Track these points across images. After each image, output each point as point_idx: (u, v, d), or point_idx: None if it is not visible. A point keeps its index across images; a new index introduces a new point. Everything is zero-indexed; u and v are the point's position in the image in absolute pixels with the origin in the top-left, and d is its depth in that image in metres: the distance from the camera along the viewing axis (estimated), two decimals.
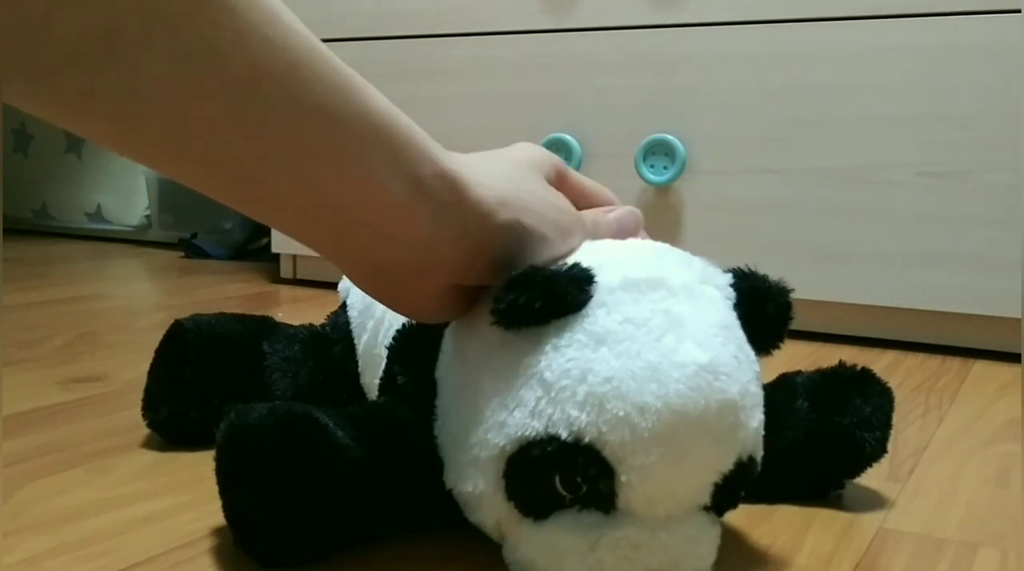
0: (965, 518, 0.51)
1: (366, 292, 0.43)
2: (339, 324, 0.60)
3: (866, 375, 0.53)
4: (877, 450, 0.51)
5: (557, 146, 1.06)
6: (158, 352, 0.58)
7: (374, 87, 0.37)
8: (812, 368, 0.54)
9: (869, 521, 0.50)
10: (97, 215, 1.75)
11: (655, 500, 0.38)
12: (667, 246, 0.45)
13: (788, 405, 0.51)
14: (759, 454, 0.41)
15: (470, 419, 0.41)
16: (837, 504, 0.53)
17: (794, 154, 0.96)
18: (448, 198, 0.39)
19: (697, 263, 0.43)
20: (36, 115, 0.32)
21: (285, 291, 1.24)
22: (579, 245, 0.44)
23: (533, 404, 0.38)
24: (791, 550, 0.47)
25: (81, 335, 0.92)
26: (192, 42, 0.31)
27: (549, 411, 0.38)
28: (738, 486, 0.40)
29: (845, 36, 0.94)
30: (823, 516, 0.51)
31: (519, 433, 0.38)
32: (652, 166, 1.02)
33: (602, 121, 1.06)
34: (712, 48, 0.99)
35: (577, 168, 1.05)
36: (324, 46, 0.35)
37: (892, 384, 0.53)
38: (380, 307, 0.55)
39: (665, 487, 0.37)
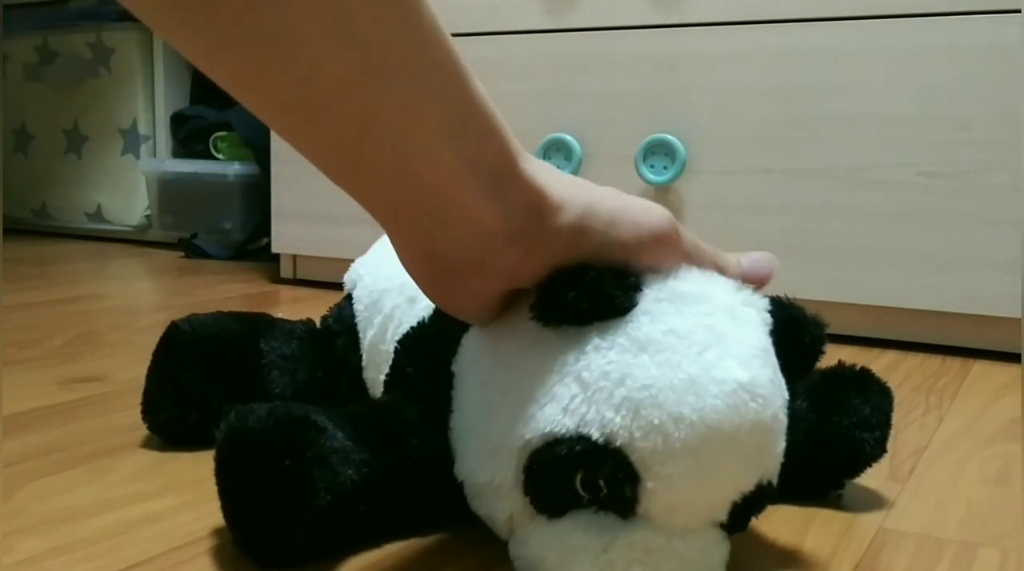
0: (965, 518, 0.51)
1: (412, 276, 0.42)
2: (343, 317, 0.60)
3: (865, 375, 0.52)
4: (876, 450, 0.51)
5: (557, 146, 1.06)
6: (155, 355, 0.58)
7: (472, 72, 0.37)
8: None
9: (869, 521, 0.50)
10: (97, 215, 1.75)
11: (676, 510, 0.38)
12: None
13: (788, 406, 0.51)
14: (776, 480, 0.41)
15: (495, 410, 0.41)
16: (837, 504, 0.53)
17: (794, 154, 0.96)
18: (521, 200, 0.38)
19: (742, 288, 0.43)
20: (177, 50, 0.33)
21: (285, 291, 1.24)
22: (671, 264, 0.41)
23: (567, 401, 0.38)
24: (791, 550, 0.47)
25: (81, 335, 0.92)
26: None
27: (583, 410, 0.38)
28: (753, 508, 0.40)
29: (845, 36, 0.94)
30: (823, 516, 0.51)
31: (547, 428, 0.38)
32: (652, 166, 1.02)
33: (602, 121, 1.05)
34: (712, 48, 0.99)
35: (577, 169, 1.05)
36: (437, 20, 0.35)
37: (892, 384, 0.53)
38: (389, 303, 0.54)
39: (688, 499, 0.37)
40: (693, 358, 0.38)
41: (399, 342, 0.50)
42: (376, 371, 0.55)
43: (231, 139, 1.58)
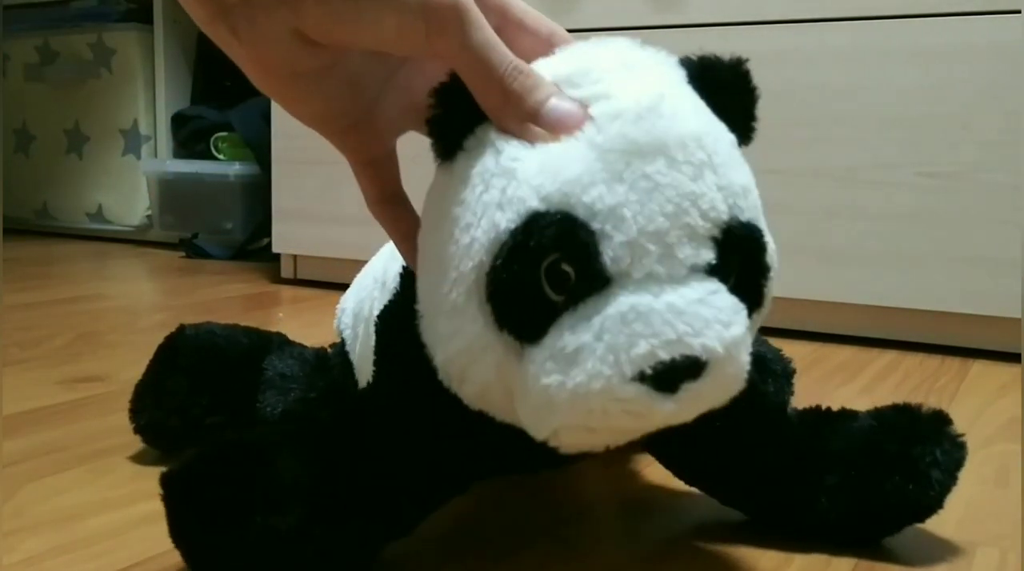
0: (964, 518, 0.51)
1: (211, 37, 0.37)
2: (339, 349, 0.59)
3: (941, 418, 0.47)
4: (935, 495, 0.45)
5: None
6: (153, 356, 0.57)
7: None
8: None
9: None
10: (98, 215, 1.75)
11: (643, 249, 0.34)
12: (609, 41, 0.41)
13: (846, 425, 0.47)
14: (760, 222, 0.38)
15: (440, 267, 0.37)
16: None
17: (794, 154, 0.96)
18: None
19: (639, 48, 0.40)
20: None
21: (286, 291, 1.24)
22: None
23: (498, 197, 0.35)
24: (791, 550, 0.47)
25: (81, 335, 0.92)
26: None
27: (515, 193, 0.35)
28: (748, 250, 0.36)
29: (845, 37, 0.94)
30: None
31: (492, 237, 0.35)
32: None
33: None
34: (712, 49, 0.99)
35: None
36: None
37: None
38: (367, 306, 0.53)
39: (646, 229, 0.34)
40: (594, 101, 0.36)
41: (377, 316, 0.46)
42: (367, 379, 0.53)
43: (232, 139, 1.58)
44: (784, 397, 0.50)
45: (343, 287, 0.63)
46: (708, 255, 0.35)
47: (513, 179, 0.35)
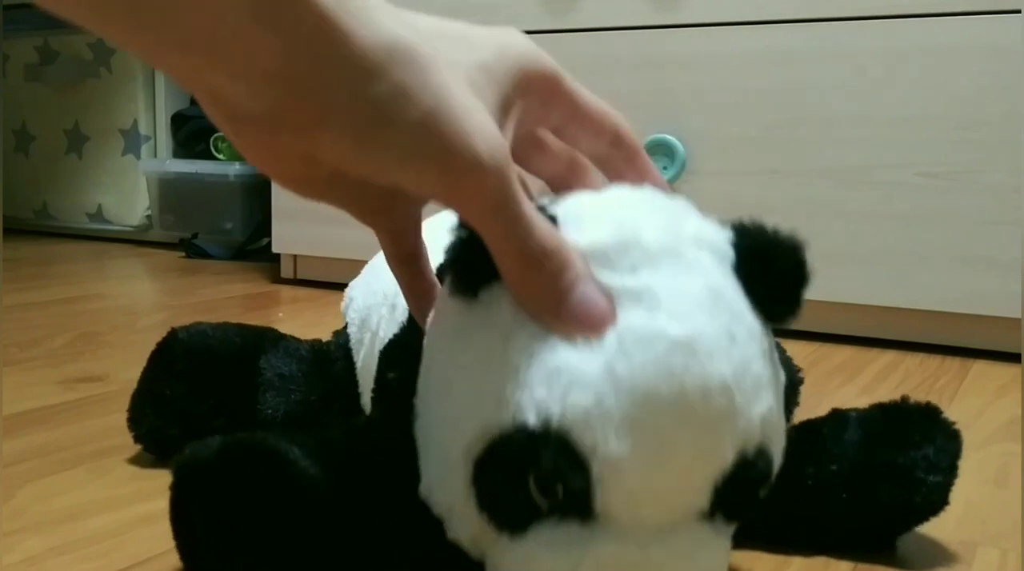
0: (964, 518, 0.51)
1: (225, 134, 0.34)
2: (341, 341, 0.58)
3: (931, 412, 0.46)
4: (936, 498, 0.44)
5: None
6: (147, 363, 0.56)
7: None
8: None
9: None
10: (98, 215, 1.75)
11: (638, 503, 0.32)
12: (655, 194, 0.38)
13: (836, 437, 0.46)
14: (775, 444, 0.35)
15: (441, 415, 0.36)
16: None
17: (794, 154, 0.96)
18: (308, 33, 0.28)
19: (687, 218, 0.37)
20: None
21: (286, 291, 1.24)
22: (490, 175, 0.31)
23: (498, 391, 0.33)
24: (789, 552, 0.46)
25: (81, 335, 0.92)
26: None
27: (516, 396, 0.33)
28: (747, 486, 0.35)
29: (845, 36, 0.94)
30: None
31: (485, 429, 0.33)
32: None
33: None
34: (712, 48, 0.99)
35: None
36: None
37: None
38: (375, 318, 0.52)
39: (646, 486, 0.32)
40: (619, 319, 0.33)
41: (381, 351, 0.47)
42: (369, 394, 0.51)
43: None
44: (790, 409, 0.49)
45: (343, 287, 0.62)
46: (704, 503, 0.34)
47: (515, 378, 0.33)
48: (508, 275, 0.34)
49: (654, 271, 0.34)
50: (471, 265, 0.34)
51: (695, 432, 0.32)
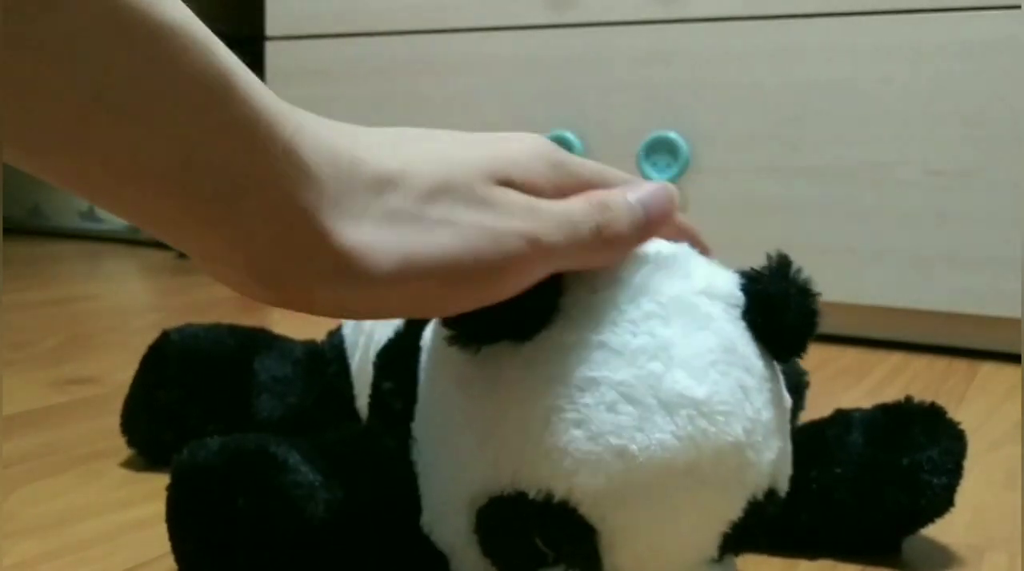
0: (972, 522, 0.50)
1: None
2: (335, 342, 0.57)
3: (935, 412, 0.45)
4: (941, 499, 0.44)
5: (558, 143, 1.05)
6: (139, 367, 0.55)
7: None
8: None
9: None
10: (90, 214, 1.74)
11: (647, 561, 0.33)
12: (673, 247, 0.38)
13: (840, 439, 0.46)
14: (782, 482, 0.36)
15: (443, 451, 0.36)
16: None
17: (799, 152, 0.96)
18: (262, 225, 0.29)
19: (697, 268, 0.37)
20: None
21: None
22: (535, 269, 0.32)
23: (494, 453, 0.33)
24: (796, 555, 0.46)
25: (74, 336, 0.91)
26: None
27: (514, 463, 0.32)
28: (752, 528, 0.35)
29: (851, 32, 0.93)
30: None
31: (486, 485, 0.33)
32: (654, 164, 1.01)
33: (604, 118, 1.05)
34: (716, 44, 0.99)
35: None
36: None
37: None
38: (368, 322, 0.51)
39: (657, 548, 0.32)
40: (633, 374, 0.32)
41: (376, 357, 0.46)
42: (364, 397, 0.51)
43: None
44: (795, 412, 0.49)
45: None
46: (714, 552, 0.34)
47: (519, 451, 0.33)
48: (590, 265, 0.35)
49: (666, 326, 0.34)
50: (473, 324, 0.34)
51: (707, 494, 0.33)
